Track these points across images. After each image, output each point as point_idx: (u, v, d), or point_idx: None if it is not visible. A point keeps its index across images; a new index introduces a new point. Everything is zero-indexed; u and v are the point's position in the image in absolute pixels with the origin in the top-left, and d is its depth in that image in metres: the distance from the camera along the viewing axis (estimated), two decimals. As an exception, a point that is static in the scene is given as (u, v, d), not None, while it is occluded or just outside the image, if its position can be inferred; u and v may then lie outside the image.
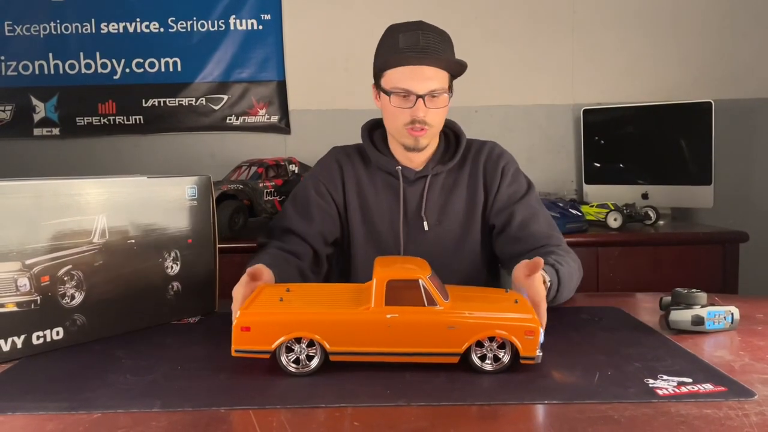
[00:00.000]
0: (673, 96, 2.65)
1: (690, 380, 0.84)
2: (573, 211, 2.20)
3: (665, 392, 0.81)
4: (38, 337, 1.01)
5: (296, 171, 2.29)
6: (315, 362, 0.89)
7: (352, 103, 2.61)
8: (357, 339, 0.89)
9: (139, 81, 2.71)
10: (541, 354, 0.89)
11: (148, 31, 2.70)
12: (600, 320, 1.17)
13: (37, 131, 2.72)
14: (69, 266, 1.03)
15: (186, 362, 0.96)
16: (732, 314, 1.08)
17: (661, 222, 2.37)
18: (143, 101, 2.72)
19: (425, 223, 1.41)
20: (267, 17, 2.72)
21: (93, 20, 2.69)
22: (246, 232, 2.04)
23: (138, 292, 1.14)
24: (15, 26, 2.67)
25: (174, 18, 2.70)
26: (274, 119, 2.77)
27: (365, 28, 1.70)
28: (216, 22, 2.71)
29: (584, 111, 2.65)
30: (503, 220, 1.40)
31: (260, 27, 2.72)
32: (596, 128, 2.64)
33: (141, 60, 2.71)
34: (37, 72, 2.69)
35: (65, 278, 1.03)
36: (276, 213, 2.07)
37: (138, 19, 2.69)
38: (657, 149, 2.51)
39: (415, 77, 1.30)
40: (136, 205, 1.13)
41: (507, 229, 1.39)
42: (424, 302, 0.90)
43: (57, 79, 2.70)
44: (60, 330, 1.03)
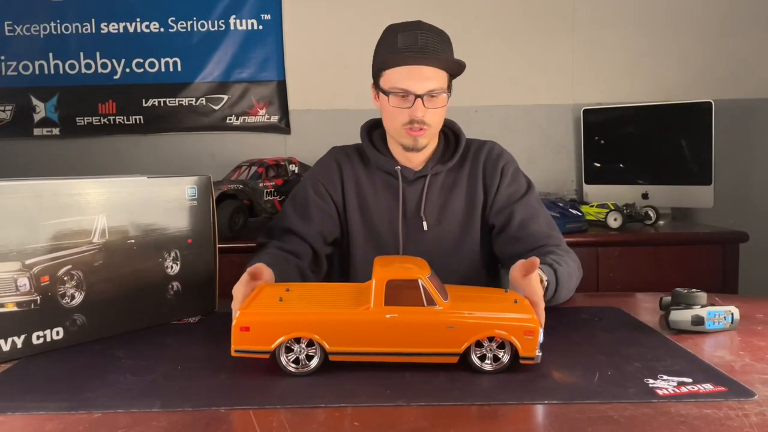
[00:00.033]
0: (673, 96, 2.65)
1: (690, 380, 0.84)
2: (573, 211, 2.21)
3: (665, 392, 0.81)
4: (38, 337, 1.01)
5: (296, 171, 2.29)
6: (314, 362, 0.89)
7: (352, 103, 2.60)
8: (356, 339, 0.89)
9: (139, 81, 2.71)
10: (541, 354, 0.89)
11: (148, 31, 2.70)
12: (600, 320, 1.17)
13: (37, 131, 2.72)
14: (69, 266, 1.03)
15: (186, 362, 0.96)
16: (732, 314, 1.08)
17: (661, 222, 2.37)
18: (143, 101, 2.72)
19: (424, 223, 1.41)
20: (267, 17, 2.72)
21: (93, 20, 2.69)
22: (246, 232, 2.04)
23: (138, 292, 1.14)
24: (15, 26, 2.68)
25: (174, 18, 2.70)
26: (274, 119, 2.77)
27: (365, 28, 1.69)
28: (216, 22, 2.71)
29: (584, 111, 2.65)
30: (503, 220, 1.40)
31: (260, 27, 2.72)
32: (596, 128, 2.64)
33: (141, 60, 2.71)
34: (37, 72, 2.70)
35: (65, 278, 1.03)
36: (276, 213, 2.07)
37: (138, 19, 2.69)
38: (657, 149, 2.51)
39: (414, 77, 1.30)
40: (136, 205, 1.13)
41: (506, 229, 1.39)
42: (424, 302, 0.90)
43: (57, 79, 2.70)
44: (60, 330, 1.03)
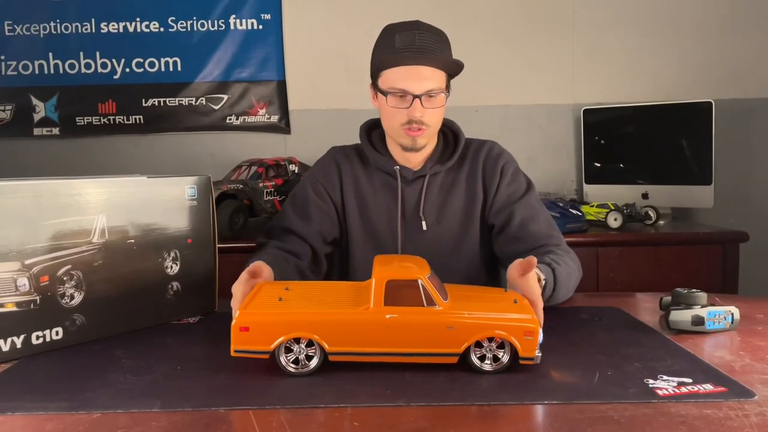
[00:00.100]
0: (673, 96, 2.65)
1: (690, 380, 0.84)
2: (573, 211, 2.20)
3: (665, 392, 0.81)
4: (38, 337, 1.01)
5: (296, 171, 2.29)
6: (314, 362, 0.89)
7: (352, 103, 2.60)
8: (356, 339, 0.89)
9: (139, 81, 2.71)
10: (540, 354, 0.89)
11: (148, 31, 2.70)
12: (600, 320, 1.17)
13: (37, 131, 2.72)
14: (68, 266, 1.03)
15: (186, 362, 0.96)
16: (732, 314, 1.08)
17: (661, 222, 2.37)
18: (143, 101, 2.72)
19: (423, 223, 1.41)
20: (267, 17, 2.72)
21: (93, 20, 2.69)
22: (246, 232, 2.04)
23: (137, 292, 1.14)
24: (15, 26, 2.67)
25: (174, 18, 2.70)
26: (274, 119, 2.77)
27: (365, 28, 1.69)
28: (216, 22, 2.71)
29: (584, 111, 2.65)
30: (502, 220, 1.40)
31: (260, 27, 2.72)
32: (596, 128, 2.64)
33: (141, 60, 2.71)
34: (37, 72, 2.69)
35: (65, 278, 1.03)
36: (276, 213, 2.07)
37: (138, 19, 2.69)
38: (657, 149, 2.51)
39: (412, 77, 1.29)
40: (136, 205, 1.13)
41: (506, 229, 1.39)
42: (423, 302, 0.90)
43: (57, 79, 2.70)
44: (59, 330, 1.03)
